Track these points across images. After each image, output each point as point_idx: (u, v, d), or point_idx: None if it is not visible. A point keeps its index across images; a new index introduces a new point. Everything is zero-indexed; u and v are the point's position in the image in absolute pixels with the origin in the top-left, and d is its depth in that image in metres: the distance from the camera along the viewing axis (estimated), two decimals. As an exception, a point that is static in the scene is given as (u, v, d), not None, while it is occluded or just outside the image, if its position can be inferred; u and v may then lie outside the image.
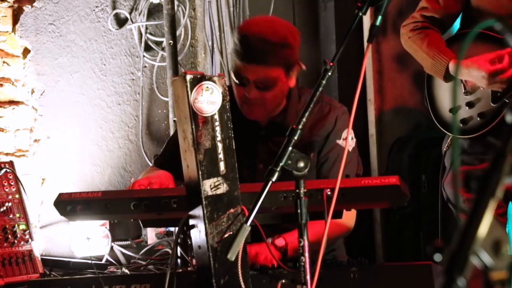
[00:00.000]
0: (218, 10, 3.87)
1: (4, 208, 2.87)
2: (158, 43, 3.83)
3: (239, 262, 1.88)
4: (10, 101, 3.53)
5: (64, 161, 3.63)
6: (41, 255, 3.09)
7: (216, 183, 1.91)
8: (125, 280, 2.15)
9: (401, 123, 3.88)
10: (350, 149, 2.53)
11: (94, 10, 3.75)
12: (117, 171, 3.76)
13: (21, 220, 2.88)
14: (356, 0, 1.85)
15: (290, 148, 1.73)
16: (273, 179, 1.70)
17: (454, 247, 0.92)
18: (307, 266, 1.73)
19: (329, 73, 1.79)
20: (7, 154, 3.48)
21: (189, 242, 2.08)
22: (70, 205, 2.16)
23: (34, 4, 3.61)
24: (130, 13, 3.81)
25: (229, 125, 1.95)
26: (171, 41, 3.67)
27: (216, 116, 1.93)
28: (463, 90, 2.74)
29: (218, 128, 1.93)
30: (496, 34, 2.56)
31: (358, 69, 1.76)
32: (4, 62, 3.52)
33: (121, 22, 3.81)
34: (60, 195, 2.21)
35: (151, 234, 3.59)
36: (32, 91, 3.59)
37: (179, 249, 2.39)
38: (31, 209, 3.04)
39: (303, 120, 1.76)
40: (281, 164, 1.71)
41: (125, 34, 3.81)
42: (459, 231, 0.93)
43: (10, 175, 2.97)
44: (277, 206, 2.01)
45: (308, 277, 1.73)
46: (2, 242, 2.80)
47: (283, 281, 2.01)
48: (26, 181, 3.16)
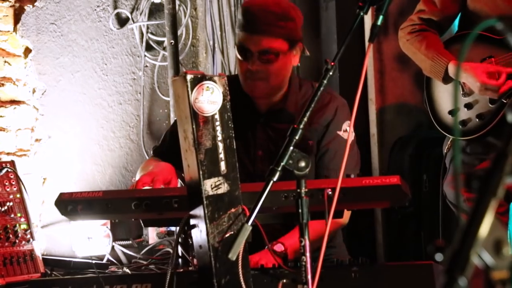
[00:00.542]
0: (219, 9, 3.87)
1: (5, 207, 2.87)
2: (159, 43, 3.83)
3: (240, 262, 1.88)
4: (11, 100, 3.53)
5: (65, 161, 3.63)
6: (42, 255, 3.09)
7: (217, 183, 1.91)
8: (126, 280, 2.15)
9: (402, 122, 3.87)
10: (350, 141, 2.54)
11: (95, 9, 3.75)
12: (118, 171, 3.76)
13: (22, 219, 2.89)
14: (357, 0, 1.85)
15: (291, 148, 1.73)
16: (274, 179, 1.70)
17: (455, 246, 0.92)
18: (308, 266, 1.73)
19: (331, 73, 1.79)
20: (8, 153, 3.49)
21: (190, 242, 2.08)
22: (71, 204, 2.16)
23: (35, 3, 3.61)
24: (131, 13, 3.81)
25: (230, 125, 1.95)
26: (172, 41, 3.67)
27: (217, 116, 1.93)
28: (462, 92, 2.74)
29: (218, 128, 1.93)
30: (494, 36, 2.56)
31: (359, 69, 1.76)
32: (5, 61, 3.52)
33: (122, 21, 3.81)
34: (61, 194, 2.21)
35: (152, 234, 3.59)
36: (34, 91, 3.59)
37: (180, 249, 2.39)
38: (32, 209, 3.04)
39: (304, 120, 1.76)
40: (282, 163, 1.71)
41: (127, 33, 3.81)
42: (460, 231, 0.93)
43: (11, 175, 2.97)
44: (278, 206, 2.01)
45: (309, 276, 1.73)
46: (3, 242, 2.80)
47: (284, 281, 2.00)
48: (27, 181, 3.15)
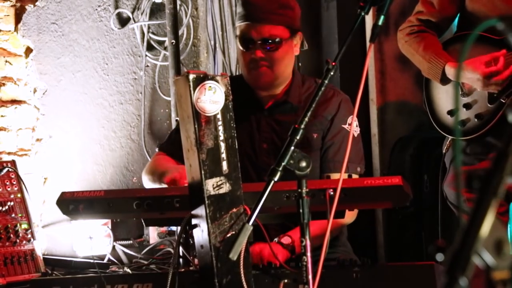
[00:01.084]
0: (220, 9, 3.87)
1: (6, 207, 2.88)
2: (161, 43, 3.83)
3: (241, 261, 1.88)
4: (12, 100, 3.53)
5: (66, 160, 3.63)
6: (43, 254, 3.10)
7: (219, 183, 1.91)
8: (127, 280, 2.15)
9: (403, 122, 3.87)
10: (355, 134, 2.58)
11: (96, 9, 3.75)
12: (119, 171, 3.76)
13: (23, 219, 2.89)
14: (358, 0, 1.85)
15: (292, 148, 1.73)
16: (275, 179, 1.70)
17: (456, 246, 0.92)
18: (309, 266, 1.73)
19: (331, 73, 1.79)
20: (9, 153, 3.49)
21: (191, 242, 2.08)
22: (72, 204, 2.16)
23: (36, 3, 3.61)
24: (132, 13, 3.81)
25: (232, 125, 1.95)
26: (173, 41, 3.67)
27: (219, 116, 1.93)
28: (461, 92, 2.73)
29: (221, 128, 1.93)
30: (493, 36, 2.56)
31: (360, 69, 1.76)
32: (6, 61, 3.52)
33: (123, 21, 3.81)
34: (63, 194, 2.22)
35: (153, 234, 3.59)
36: (35, 90, 3.59)
37: (181, 249, 2.39)
38: (33, 208, 3.04)
39: (305, 120, 1.76)
40: (283, 163, 1.71)
41: (128, 33, 3.81)
42: (461, 231, 0.93)
43: (12, 174, 2.97)
44: (280, 205, 2.01)
45: (310, 276, 1.73)
46: (4, 241, 2.80)
47: (286, 280, 2.00)
48: (28, 180, 3.16)
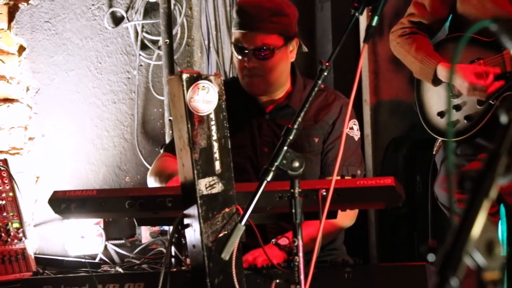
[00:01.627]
0: (214, 9, 3.87)
1: (-2, 206, 2.87)
2: (154, 42, 3.83)
3: (233, 261, 1.87)
4: (4, 98, 3.52)
5: (59, 159, 3.62)
6: (35, 254, 3.09)
7: (211, 183, 1.91)
8: (119, 279, 2.15)
9: (396, 123, 3.88)
10: (356, 138, 2.58)
11: (90, 8, 3.74)
12: (112, 170, 3.75)
13: (14, 218, 2.88)
14: (352, 0, 1.85)
15: (285, 148, 1.73)
16: (268, 179, 1.70)
17: (448, 247, 0.92)
18: (301, 266, 1.73)
19: (325, 73, 1.79)
20: (1, 152, 3.48)
21: (184, 241, 2.07)
22: (64, 203, 2.15)
23: (30, 1, 3.60)
24: (126, 12, 3.80)
25: (225, 125, 1.95)
26: (167, 40, 3.66)
27: (212, 116, 1.93)
28: (450, 93, 2.75)
29: (214, 128, 1.93)
30: (483, 38, 2.57)
31: (354, 70, 1.76)
32: (-1, 59, 3.51)
33: (117, 20, 3.80)
34: (55, 192, 2.21)
35: (145, 233, 3.58)
36: (27, 89, 3.58)
37: (173, 248, 2.38)
38: (25, 207, 3.03)
39: (299, 120, 1.76)
40: (276, 163, 1.71)
41: (121, 32, 3.81)
42: (452, 231, 0.93)
43: (4, 173, 2.96)
44: (272, 206, 2.01)
45: (302, 277, 1.73)
46: (-4, 240, 2.79)
47: (277, 281, 2.00)
48: (20, 179, 3.15)
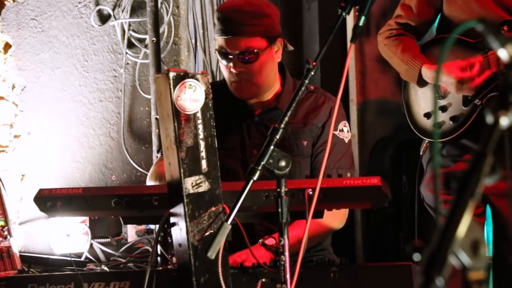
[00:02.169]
0: (201, 8, 3.87)
1: (-17, 204, 2.85)
2: (141, 40, 3.82)
3: (219, 260, 1.87)
4: (-10, 96, 3.50)
5: (45, 158, 3.61)
6: (20, 252, 3.07)
7: (198, 181, 1.91)
8: (104, 278, 2.14)
9: (383, 123, 3.89)
10: (346, 140, 2.57)
11: (77, 6, 3.73)
12: (98, 168, 3.74)
13: (0, 216, 2.86)
14: (339, 0, 1.85)
15: (272, 147, 1.73)
16: (254, 178, 1.70)
17: (433, 247, 0.93)
18: (287, 265, 1.73)
19: (312, 73, 1.80)
20: (-14, 149, 3.46)
21: (170, 240, 2.07)
22: (50, 201, 2.14)
23: (16, -2, 3.58)
24: (113, 10, 3.79)
25: (212, 123, 1.95)
26: (154, 39, 3.65)
27: (199, 114, 1.93)
28: (436, 94, 2.76)
29: (200, 126, 1.93)
30: (469, 39, 2.59)
31: (341, 69, 1.77)
32: (-15, 56, 3.49)
33: (104, 18, 3.79)
34: (41, 190, 2.20)
35: (131, 232, 3.58)
36: (13, 87, 3.56)
37: (159, 247, 2.38)
38: (10, 205, 3.02)
39: (285, 119, 1.76)
40: (262, 163, 1.71)
41: (108, 30, 3.79)
42: (438, 231, 0.93)
43: (-11, 171, 2.94)
44: (259, 205, 2.01)
45: (288, 276, 1.73)
46: (-19, 238, 2.77)
47: (263, 280, 2.01)
48: (5, 177, 3.13)
